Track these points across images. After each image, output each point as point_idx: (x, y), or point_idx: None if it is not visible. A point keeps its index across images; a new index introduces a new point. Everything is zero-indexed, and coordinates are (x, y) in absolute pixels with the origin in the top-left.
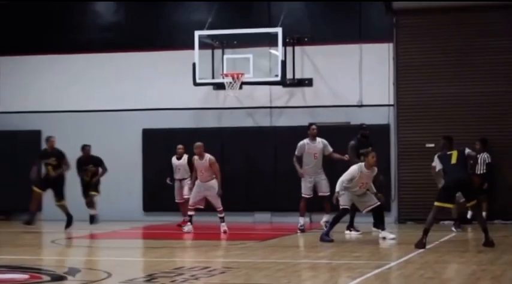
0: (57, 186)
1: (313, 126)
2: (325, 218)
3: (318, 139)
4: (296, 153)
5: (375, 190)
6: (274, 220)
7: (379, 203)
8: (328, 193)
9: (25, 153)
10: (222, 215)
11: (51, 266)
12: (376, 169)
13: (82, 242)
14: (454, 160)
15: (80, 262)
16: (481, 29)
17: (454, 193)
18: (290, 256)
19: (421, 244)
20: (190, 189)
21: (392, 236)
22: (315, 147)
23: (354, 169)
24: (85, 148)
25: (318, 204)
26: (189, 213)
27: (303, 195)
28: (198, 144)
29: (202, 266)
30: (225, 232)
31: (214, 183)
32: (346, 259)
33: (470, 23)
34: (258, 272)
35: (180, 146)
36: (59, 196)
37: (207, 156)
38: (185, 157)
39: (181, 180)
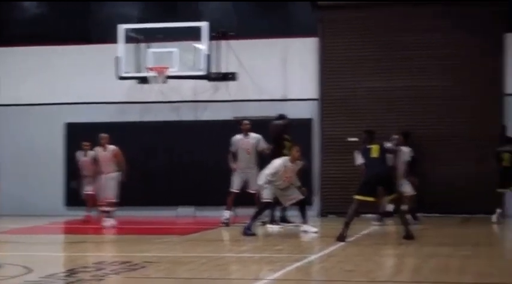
0: None
1: (246, 121)
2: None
3: (252, 134)
4: (231, 148)
5: (299, 184)
6: (198, 214)
7: (302, 197)
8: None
9: None
10: (110, 209)
11: None
12: (300, 162)
13: (1, 238)
14: (374, 154)
15: None
16: (404, 24)
17: (375, 187)
18: (212, 250)
19: (341, 237)
20: (94, 184)
21: (314, 230)
22: (247, 142)
23: (278, 163)
24: None
25: (243, 198)
26: (104, 208)
27: (232, 190)
28: (103, 135)
29: (123, 261)
30: (107, 227)
31: (114, 175)
32: (268, 252)
33: (394, 18)
34: (180, 266)
35: (86, 143)
36: None
37: (111, 147)
38: (90, 153)
39: (87, 177)
